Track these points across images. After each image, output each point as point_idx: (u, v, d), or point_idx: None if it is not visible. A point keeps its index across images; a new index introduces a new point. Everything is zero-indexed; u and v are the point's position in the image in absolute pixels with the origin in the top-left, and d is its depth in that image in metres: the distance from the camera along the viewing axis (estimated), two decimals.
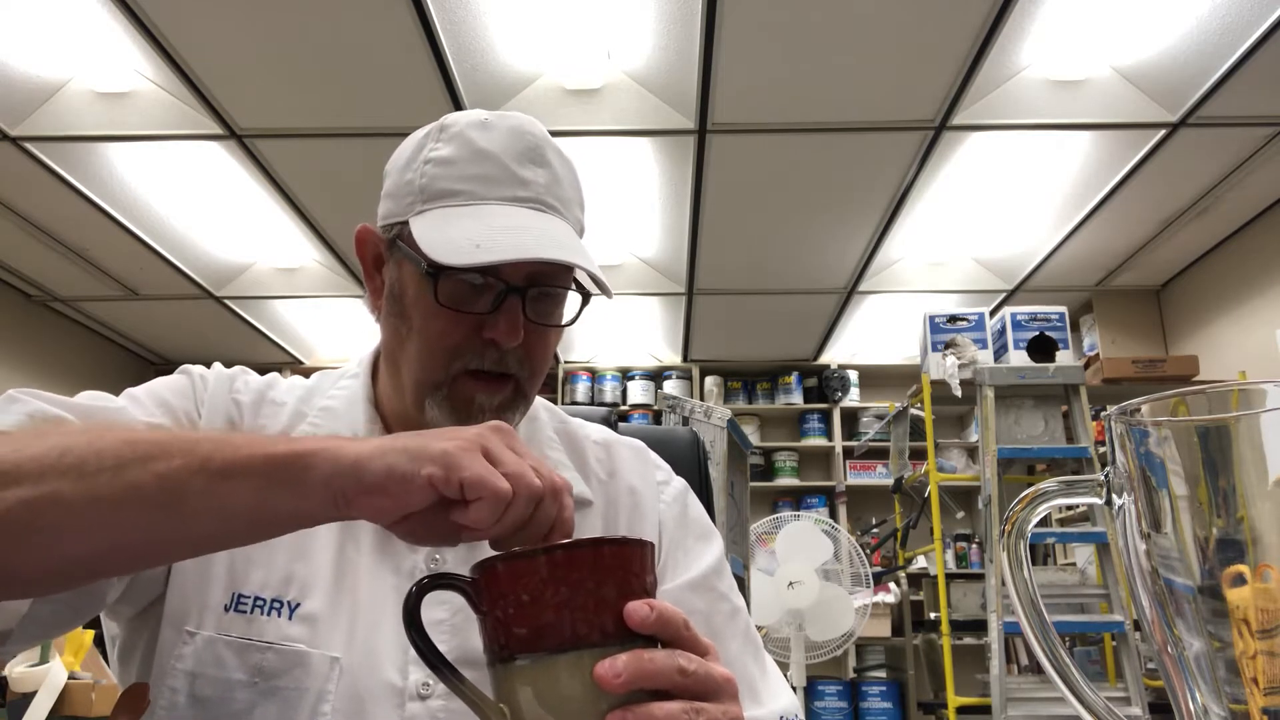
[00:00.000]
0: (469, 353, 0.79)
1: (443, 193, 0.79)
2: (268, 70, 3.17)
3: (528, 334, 0.80)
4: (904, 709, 5.04)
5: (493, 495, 0.54)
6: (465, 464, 0.54)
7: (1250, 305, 4.46)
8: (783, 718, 0.85)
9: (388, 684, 0.73)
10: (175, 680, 0.72)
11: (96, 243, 4.40)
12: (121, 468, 0.56)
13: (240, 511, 0.57)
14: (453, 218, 0.78)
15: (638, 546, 0.53)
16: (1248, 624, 0.38)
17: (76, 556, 0.58)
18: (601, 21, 2.98)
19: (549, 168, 0.82)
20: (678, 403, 3.12)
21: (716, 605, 0.88)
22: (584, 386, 6.17)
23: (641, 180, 3.92)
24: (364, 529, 0.79)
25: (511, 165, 0.80)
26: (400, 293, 0.82)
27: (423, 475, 0.54)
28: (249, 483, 0.57)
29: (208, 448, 0.58)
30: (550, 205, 0.81)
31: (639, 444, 0.96)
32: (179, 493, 0.56)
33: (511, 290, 0.78)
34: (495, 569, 0.51)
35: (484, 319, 0.78)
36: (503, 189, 0.79)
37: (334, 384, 0.89)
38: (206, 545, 0.64)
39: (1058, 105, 3.36)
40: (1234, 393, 0.41)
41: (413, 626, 0.53)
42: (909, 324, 4.83)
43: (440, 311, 0.78)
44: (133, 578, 0.73)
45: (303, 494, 0.57)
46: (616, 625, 0.50)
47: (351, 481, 0.56)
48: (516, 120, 0.83)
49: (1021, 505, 0.48)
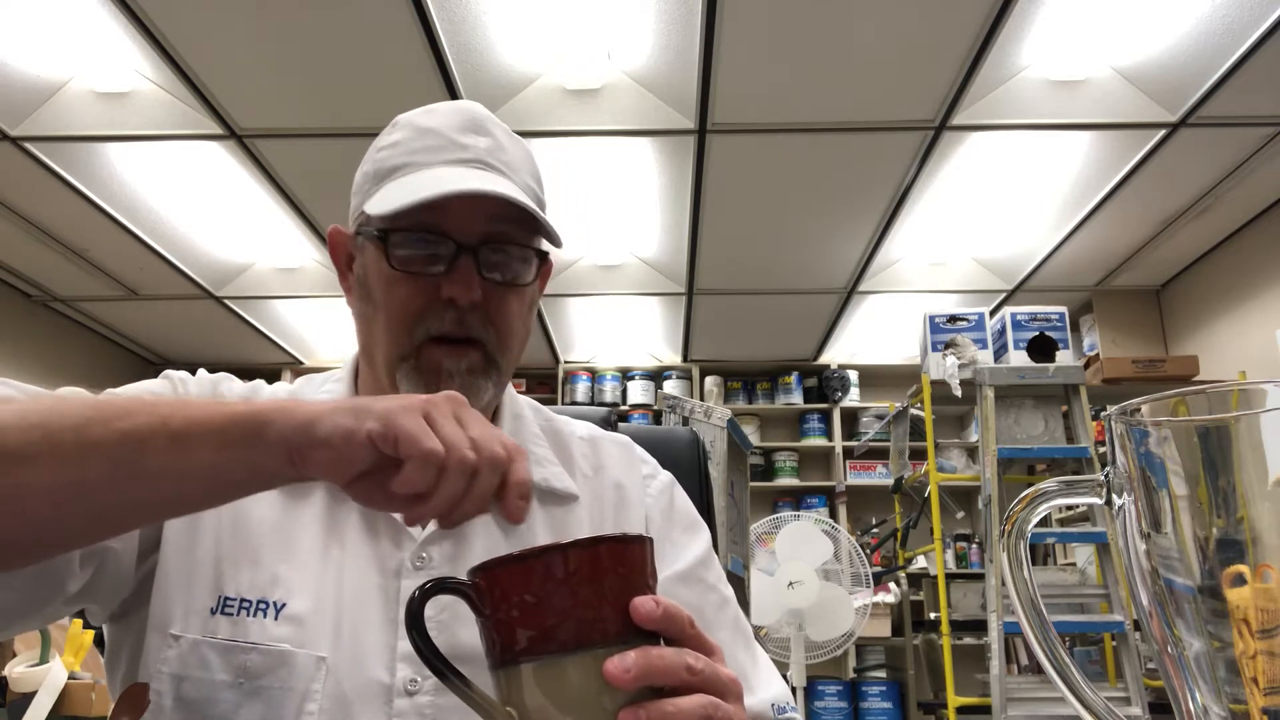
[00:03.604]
0: (431, 317, 0.81)
1: (390, 170, 0.83)
2: (268, 70, 3.17)
3: (487, 295, 0.81)
4: (904, 709, 5.04)
5: (421, 455, 0.55)
6: (401, 422, 0.55)
7: (1250, 305, 4.46)
8: (774, 705, 0.85)
9: (375, 682, 0.73)
10: (160, 684, 0.72)
11: (96, 243, 4.40)
12: (84, 427, 0.57)
13: (200, 470, 0.58)
14: (397, 185, 0.81)
15: (638, 543, 0.53)
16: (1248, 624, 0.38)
17: (41, 518, 0.58)
18: (601, 21, 2.98)
19: (491, 136, 0.85)
20: (678, 403, 3.12)
21: (705, 596, 0.88)
22: (584, 386, 6.17)
23: (641, 180, 3.92)
24: (347, 529, 0.79)
25: (452, 135, 0.83)
26: (365, 277, 0.84)
27: (363, 431, 0.56)
28: (208, 441, 0.58)
29: (167, 409, 0.59)
30: (492, 166, 0.83)
31: (625, 439, 0.96)
32: (140, 450, 0.57)
33: (463, 249, 0.80)
34: (496, 572, 0.51)
35: (441, 281, 0.80)
36: (444, 154, 0.82)
37: (318, 388, 0.90)
38: (169, 506, 0.64)
39: (1058, 105, 3.36)
40: (1234, 393, 0.41)
41: (416, 630, 0.52)
42: (909, 324, 4.83)
43: (398, 278, 0.81)
44: (96, 570, 0.72)
45: (261, 452, 0.58)
46: (621, 623, 0.50)
47: (304, 439, 0.57)
48: (461, 103, 0.88)
49: (1021, 505, 0.48)
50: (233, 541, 0.77)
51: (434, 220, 0.80)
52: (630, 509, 0.89)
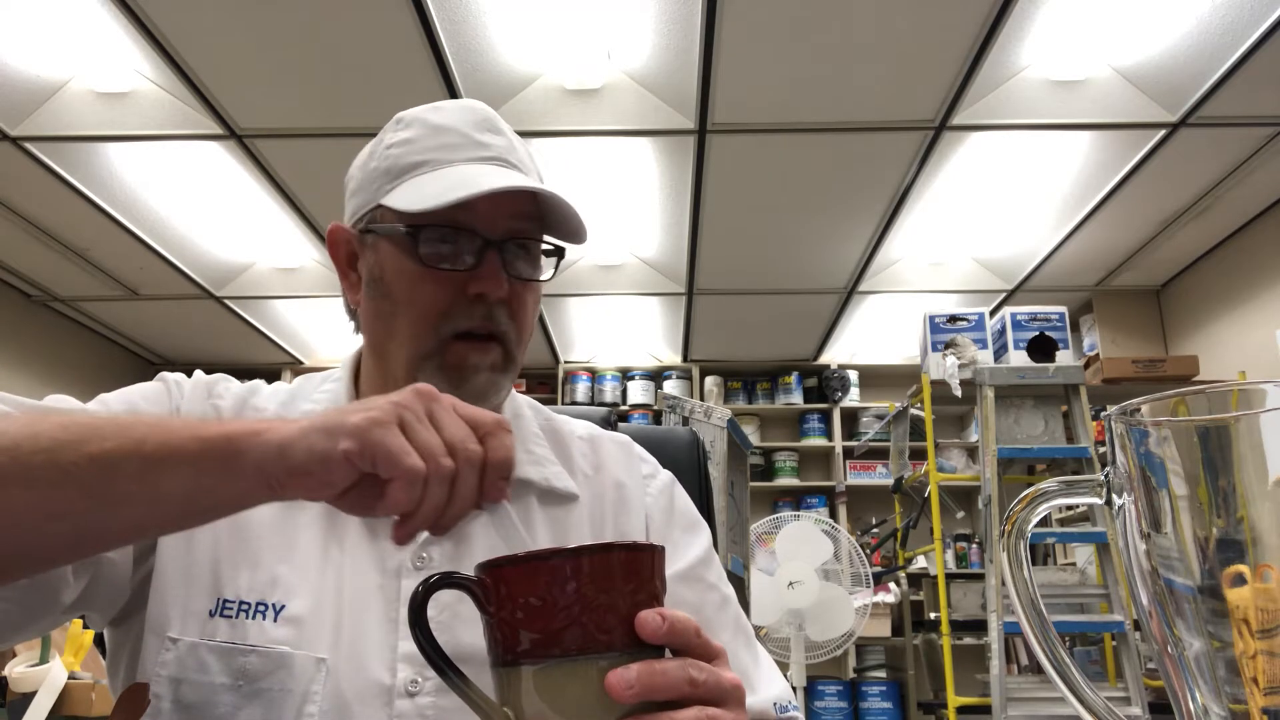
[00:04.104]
0: (457, 314, 0.81)
1: (409, 166, 0.82)
2: (268, 70, 3.17)
3: (511, 290, 0.82)
4: (904, 709, 5.04)
5: (404, 475, 0.54)
6: (377, 439, 0.54)
7: (1250, 305, 4.46)
8: (776, 704, 0.85)
9: (375, 683, 0.73)
10: (159, 687, 0.72)
11: (96, 243, 4.40)
12: (55, 450, 0.56)
13: (174, 497, 0.57)
14: (423, 182, 0.80)
15: (648, 552, 0.52)
16: (1248, 624, 0.38)
17: (13, 542, 0.57)
18: (601, 21, 2.98)
19: (504, 136, 0.86)
20: (678, 403, 3.12)
21: (706, 596, 0.88)
22: (584, 386, 6.17)
23: (641, 180, 3.92)
24: (347, 529, 0.79)
25: (470, 132, 0.83)
26: (380, 274, 0.84)
27: (339, 452, 0.54)
28: (181, 469, 0.56)
29: (142, 431, 0.57)
30: (511, 163, 0.84)
31: (624, 438, 0.96)
32: (112, 475, 0.56)
33: (489, 244, 0.80)
34: (505, 570, 0.50)
35: (467, 277, 0.80)
36: (466, 152, 0.82)
37: (317, 388, 0.90)
38: (141, 530, 0.64)
39: (1058, 105, 3.36)
40: (1234, 393, 0.41)
41: (418, 626, 0.52)
42: (909, 324, 4.83)
43: (424, 274, 0.80)
44: (91, 580, 0.72)
45: (236, 480, 0.57)
46: (626, 632, 0.50)
47: (280, 465, 0.56)
48: (468, 101, 0.89)
49: (1021, 505, 0.48)
50: (231, 543, 0.76)
51: (462, 217, 0.80)
52: (630, 508, 0.89)
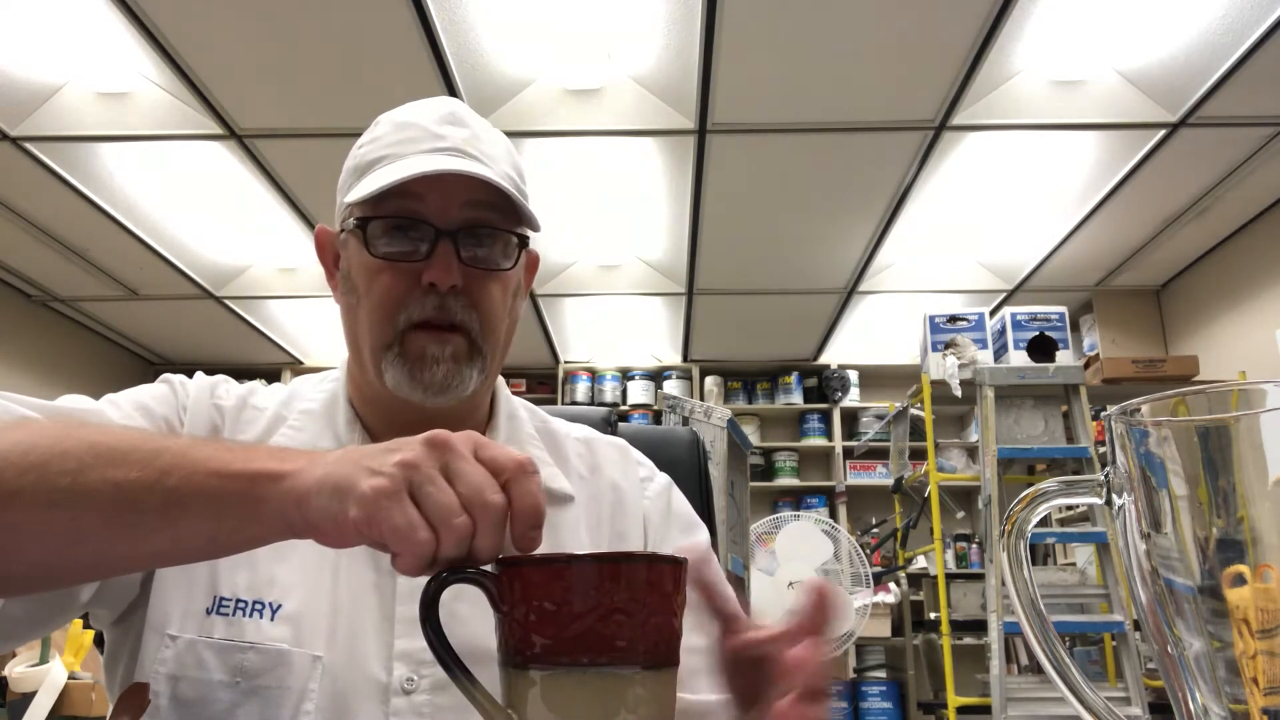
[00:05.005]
0: (412, 304, 0.81)
1: (371, 163, 0.83)
2: (268, 70, 3.17)
3: (469, 280, 0.81)
4: (904, 709, 5.04)
5: (412, 550, 0.50)
6: (383, 516, 0.51)
7: (1250, 305, 4.46)
8: None
9: (372, 680, 0.74)
10: (157, 684, 0.72)
11: (96, 243, 4.40)
12: (79, 472, 0.55)
13: (193, 535, 0.56)
14: (377, 176, 0.81)
15: (672, 564, 0.50)
16: (1248, 624, 0.38)
17: (36, 559, 0.57)
18: (601, 22, 2.98)
19: (468, 127, 0.85)
20: (678, 403, 3.12)
21: None
22: (584, 387, 6.17)
23: (641, 180, 3.92)
24: None
25: (429, 126, 0.84)
26: (348, 269, 0.86)
27: (348, 520, 0.52)
28: (203, 510, 0.55)
29: (166, 461, 0.56)
30: (468, 154, 0.83)
31: (621, 442, 0.97)
32: (133, 507, 0.55)
33: (442, 234, 0.81)
34: (523, 570, 0.49)
35: (422, 267, 0.81)
36: (421, 145, 0.83)
37: (314, 388, 0.91)
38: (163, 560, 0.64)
39: (1058, 105, 3.36)
40: (1234, 393, 0.41)
41: (429, 622, 0.49)
42: (909, 324, 4.83)
43: (380, 266, 0.81)
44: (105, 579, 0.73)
45: (255, 523, 0.56)
46: (641, 645, 0.48)
47: (299, 517, 0.54)
48: (441, 98, 0.88)
49: (1021, 505, 0.48)
50: None
51: (412, 207, 0.81)
52: (627, 511, 0.89)
